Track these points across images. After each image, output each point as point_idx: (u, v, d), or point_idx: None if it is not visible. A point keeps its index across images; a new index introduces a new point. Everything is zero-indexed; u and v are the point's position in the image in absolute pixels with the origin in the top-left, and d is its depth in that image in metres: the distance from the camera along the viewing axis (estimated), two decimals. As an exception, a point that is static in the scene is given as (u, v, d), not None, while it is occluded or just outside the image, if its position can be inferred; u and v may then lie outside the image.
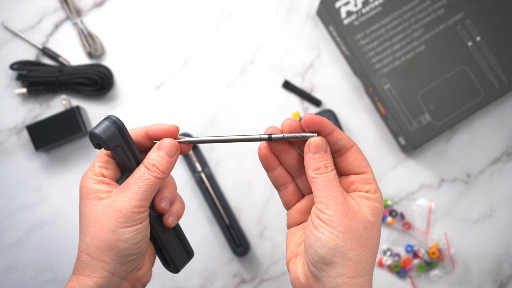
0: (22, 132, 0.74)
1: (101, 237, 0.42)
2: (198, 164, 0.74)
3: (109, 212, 0.42)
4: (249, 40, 0.77)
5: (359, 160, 0.43)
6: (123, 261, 0.43)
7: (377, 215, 0.42)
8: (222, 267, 0.75)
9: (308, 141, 0.42)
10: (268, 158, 0.46)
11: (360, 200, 0.42)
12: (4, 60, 0.74)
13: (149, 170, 0.43)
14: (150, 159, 0.43)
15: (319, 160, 0.42)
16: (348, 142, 0.43)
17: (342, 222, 0.40)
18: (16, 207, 0.73)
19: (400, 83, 0.72)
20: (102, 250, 0.42)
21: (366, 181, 0.43)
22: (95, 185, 0.43)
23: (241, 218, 0.75)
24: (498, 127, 0.78)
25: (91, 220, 0.43)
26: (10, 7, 0.75)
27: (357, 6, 0.73)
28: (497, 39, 0.73)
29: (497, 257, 0.77)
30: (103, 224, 0.42)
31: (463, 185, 0.77)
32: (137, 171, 0.43)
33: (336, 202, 0.41)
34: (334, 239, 0.40)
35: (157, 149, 0.44)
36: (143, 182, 0.42)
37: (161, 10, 0.77)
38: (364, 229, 0.41)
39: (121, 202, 0.42)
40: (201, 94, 0.76)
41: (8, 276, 0.73)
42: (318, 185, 0.42)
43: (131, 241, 0.42)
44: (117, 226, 0.42)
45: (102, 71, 0.72)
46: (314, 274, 0.41)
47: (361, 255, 0.40)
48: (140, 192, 0.42)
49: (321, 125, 0.42)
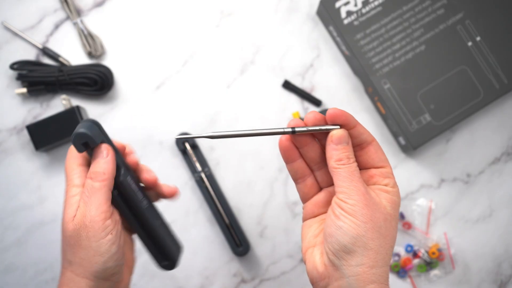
0: (22, 132, 0.74)
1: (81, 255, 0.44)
2: (198, 164, 0.74)
3: (78, 231, 0.44)
4: (249, 40, 0.77)
5: (379, 154, 0.44)
6: (105, 276, 0.45)
7: (396, 209, 0.43)
8: (222, 267, 0.75)
9: (331, 133, 0.43)
10: (289, 150, 0.46)
11: (380, 193, 0.43)
12: (4, 60, 0.74)
13: (92, 180, 0.45)
14: (89, 172, 0.45)
15: (342, 151, 0.43)
16: (369, 137, 0.44)
17: (363, 212, 0.41)
18: (16, 207, 0.73)
19: (400, 83, 0.72)
20: (84, 267, 0.44)
21: (386, 175, 0.44)
22: None
23: (241, 218, 0.75)
24: (498, 127, 0.78)
25: (69, 241, 0.45)
26: (10, 7, 0.75)
27: (357, 6, 0.73)
28: (497, 39, 0.73)
29: (497, 257, 0.77)
30: (78, 242, 0.44)
31: (463, 185, 0.77)
32: (86, 186, 0.45)
33: (358, 193, 0.41)
34: (356, 228, 0.40)
35: (95, 157, 0.46)
36: (90, 191, 0.45)
37: (161, 10, 0.77)
38: (384, 220, 0.41)
39: (82, 218, 0.44)
40: (201, 94, 0.76)
41: (8, 276, 0.73)
42: (341, 175, 0.42)
43: (107, 254, 0.44)
44: (90, 241, 0.44)
45: (102, 71, 0.72)
46: (334, 263, 0.41)
47: (381, 246, 0.41)
48: (93, 202, 0.44)
49: (346, 118, 0.43)
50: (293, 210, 0.76)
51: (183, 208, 0.75)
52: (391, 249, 0.42)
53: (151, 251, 0.55)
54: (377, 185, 0.44)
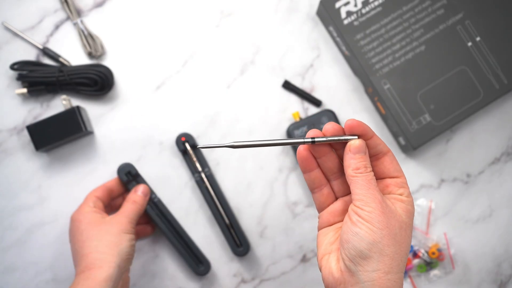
0: (22, 132, 0.74)
1: (108, 237, 0.61)
2: (198, 164, 0.74)
3: (113, 223, 0.63)
4: (249, 40, 0.77)
5: (394, 164, 0.46)
6: (124, 257, 0.61)
7: (410, 218, 0.44)
8: (222, 267, 0.75)
9: (349, 143, 0.45)
10: (307, 160, 0.47)
11: (395, 202, 0.44)
12: (4, 60, 0.74)
13: (133, 205, 0.67)
14: (132, 197, 0.69)
15: (359, 160, 0.44)
16: (384, 147, 0.46)
17: (380, 219, 0.42)
18: (16, 207, 0.73)
19: (400, 83, 0.72)
20: (110, 247, 0.60)
21: (400, 185, 0.45)
22: (94, 213, 0.64)
23: (241, 218, 0.75)
24: (498, 127, 0.78)
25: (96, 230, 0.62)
26: (10, 7, 0.75)
27: (357, 6, 0.73)
28: (497, 39, 0.73)
29: (497, 257, 0.77)
30: (108, 230, 0.62)
31: (463, 185, 0.77)
32: (126, 205, 0.67)
33: (375, 200, 0.42)
34: (372, 235, 0.41)
35: (135, 191, 0.70)
36: (132, 208, 0.67)
37: (161, 10, 0.77)
38: (399, 228, 0.43)
39: (120, 218, 0.65)
40: (201, 94, 0.76)
41: (8, 276, 0.73)
42: (358, 183, 0.43)
43: (129, 243, 0.63)
44: (120, 231, 0.63)
45: (102, 71, 0.72)
46: (350, 268, 0.42)
47: (396, 253, 0.42)
48: (130, 215, 0.66)
49: (363, 129, 0.45)
50: (293, 210, 0.76)
51: (183, 208, 0.75)
52: (406, 256, 0.43)
53: (187, 259, 0.72)
54: (392, 195, 0.45)
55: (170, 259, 0.74)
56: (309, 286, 0.76)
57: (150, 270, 0.74)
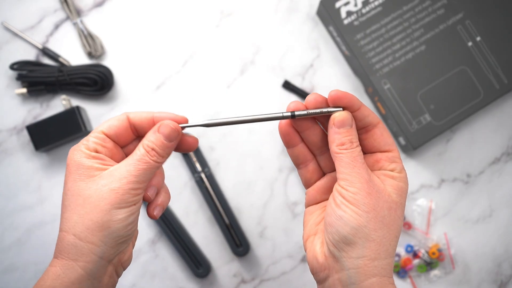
0: (22, 132, 0.74)
1: (92, 216, 0.40)
2: (198, 164, 0.74)
3: (104, 192, 0.40)
4: (249, 40, 0.77)
5: (385, 137, 0.42)
6: (113, 244, 0.41)
7: (402, 195, 0.41)
8: (222, 267, 0.75)
9: (333, 115, 0.41)
10: (289, 134, 0.44)
11: (385, 179, 0.41)
12: (4, 60, 0.74)
13: (149, 154, 0.42)
14: (149, 141, 0.42)
15: (344, 134, 0.40)
16: (374, 119, 0.42)
17: (366, 201, 0.39)
18: (16, 207, 0.73)
19: (400, 83, 0.72)
20: (92, 230, 0.40)
21: (392, 160, 0.42)
22: (87, 160, 0.41)
23: (241, 218, 0.75)
24: (498, 127, 0.78)
25: (81, 198, 0.40)
26: (10, 7, 0.75)
27: (357, 6, 0.73)
28: (497, 39, 0.73)
29: (497, 257, 0.77)
30: (96, 203, 0.40)
31: (463, 185, 0.77)
32: (136, 153, 0.42)
33: (361, 180, 0.39)
34: (357, 218, 0.38)
35: (157, 131, 0.42)
36: (142, 165, 0.41)
37: (161, 10, 0.77)
38: (388, 209, 0.39)
39: (118, 182, 0.40)
40: (201, 94, 0.76)
41: (8, 276, 0.73)
42: (342, 161, 0.40)
43: (124, 222, 0.41)
44: (112, 206, 0.40)
45: (102, 71, 0.72)
46: (334, 254, 0.40)
47: (384, 237, 0.39)
48: (139, 175, 0.41)
49: (349, 100, 0.40)
50: (293, 210, 0.76)
51: (183, 208, 0.75)
52: (396, 239, 0.40)
53: (187, 260, 0.70)
54: (383, 171, 0.42)
55: (170, 259, 0.74)
56: (309, 286, 0.76)
57: (150, 270, 0.74)
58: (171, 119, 0.43)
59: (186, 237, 0.73)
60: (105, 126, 0.42)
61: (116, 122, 0.43)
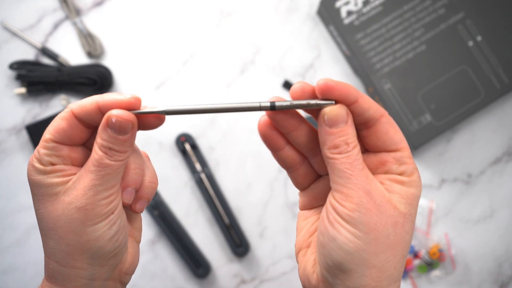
0: (21, 132, 0.73)
1: (68, 240, 0.34)
2: (198, 164, 0.73)
3: (71, 211, 0.33)
4: (249, 40, 0.77)
5: (391, 134, 0.34)
6: (101, 263, 0.35)
7: (412, 204, 0.33)
8: (222, 267, 0.75)
9: (323, 111, 0.33)
10: (271, 137, 0.36)
11: (392, 184, 0.33)
12: (3, 60, 0.74)
13: (107, 155, 0.33)
14: (102, 140, 0.33)
15: (338, 135, 0.32)
16: (376, 112, 0.33)
17: (365, 219, 0.31)
18: (15, 207, 0.73)
19: (401, 83, 0.72)
20: (72, 255, 0.34)
21: (401, 161, 0.34)
22: (45, 177, 0.34)
23: (241, 219, 0.75)
24: (499, 127, 0.78)
25: (50, 221, 0.34)
26: (10, 7, 0.75)
27: (358, 6, 0.73)
28: (497, 39, 0.73)
29: (498, 258, 0.77)
30: (67, 225, 0.34)
31: (463, 185, 0.77)
32: (94, 156, 0.34)
33: (359, 193, 0.31)
34: (354, 241, 0.31)
35: (106, 125, 0.33)
36: (104, 170, 0.33)
37: (160, 10, 0.77)
38: (393, 226, 0.32)
39: (83, 197, 0.33)
40: (201, 94, 0.76)
41: (8, 276, 0.72)
42: (336, 168, 0.32)
43: (105, 237, 0.34)
44: (84, 226, 0.33)
45: (101, 71, 0.72)
46: (327, 279, 0.33)
47: (387, 261, 0.32)
48: (104, 182, 0.33)
49: (342, 92, 0.32)
50: (293, 210, 0.75)
51: (182, 209, 0.74)
52: (403, 259, 0.33)
53: (187, 261, 0.69)
54: (389, 175, 0.34)
55: (170, 260, 0.74)
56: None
57: (150, 271, 0.74)
58: (119, 105, 0.34)
59: (186, 237, 0.72)
60: (51, 131, 0.34)
61: (63, 123, 0.34)
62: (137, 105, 0.34)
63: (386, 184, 0.33)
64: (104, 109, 0.34)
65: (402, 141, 0.34)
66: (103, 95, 0.34)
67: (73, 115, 0.34)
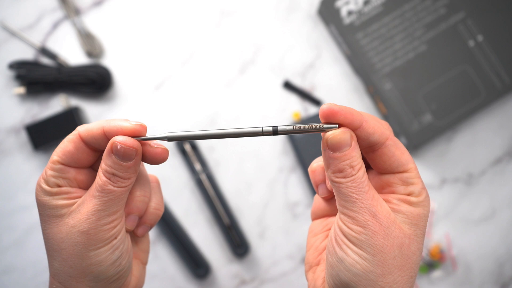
0: (20, 132, 0.73)
1: (71, 263, 0.35)
2: (198, 164, 0.73)
3: (75, 235, 0.34)
4: (249, 39, 0.77)
5: (397, 157, 0.34)
6: (104, 286, 0.36)
7: (418, 224, 0.34)
8: (222, 268, 0.74)
9: (326, 136, 0.33)
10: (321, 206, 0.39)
11: (399, 204, 0.34)
12: (2, 59, 0.74)
13: (111, 181, 0.35)
14: (107, 165, 0.35)
15: (342, 159, 0.33)
16: (381, 136, 0.34)
17: (372, 242, 0.32)
18: (14, 208, 0.73)
19: (401, 82, 0.72)
20: (75, 278, 0.35)
21: (408, 182, 0.34)
22: (51, 199, 0.36)
23: (241, 219, 0.75)
24: (500, 127, 0.77)
25: (55, 242, 0.35)
26: (9, 6, 0.75)
27: (358, 6, 0.73)
28: (498, 39, 0.72)
29: (499, 258, 0.76)
30: (70, 248, 0.35)
31: (464, 186, 0.77)
32: (98, 182, 0.35)
33: (365, 216, 0.32)
34: (362, 263, 0.32)
35: (111, 152, 0.34)
36: (107, 196, 0.35)
37: (160, 10, 0.76)
38: (399, 247, 0.33)
39: (86, 222, 0.34)
40: (200, 94, 0.76)
41: (7, 276, 0.72)
42: (342, 192, 0.33)
43: (107, 262, 0.35)
44: (87, 250, 0.34)
45: (100, 71, 0.72)
46: None
47: (395, 282, 0.32)
48: (107, 207, 0.35)
49: (346, 118, 0.33)
50: (293, 211, 0.75)
51: (182, 209, 0.74)
52: (411, 280, 0.33)
53: (187, 261, 0.69)
54: (397, 195, 0.34)
55: (170, 260, 0.74)
56: (309, 287, 0.75)
57: (150, 271, 0.73)
58: (124, 132, 0.35)
59: (185, 237, 0.72)
60: (59, 153, 0.36)
61: (70, 146, 0.36)
62: (142, 132, 0.35)
63: (393, 203, 0.34)
64: (110, 135, 0.35)
65: (409, 162, 0.35)
66: (109, 120, 0.35)
67: (80, 138, 0.36)
